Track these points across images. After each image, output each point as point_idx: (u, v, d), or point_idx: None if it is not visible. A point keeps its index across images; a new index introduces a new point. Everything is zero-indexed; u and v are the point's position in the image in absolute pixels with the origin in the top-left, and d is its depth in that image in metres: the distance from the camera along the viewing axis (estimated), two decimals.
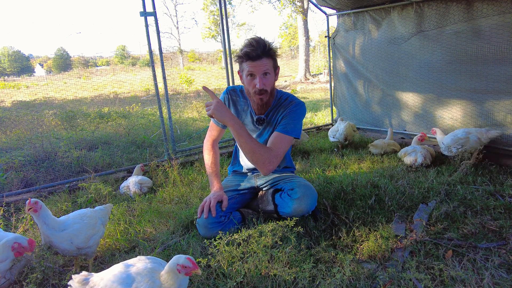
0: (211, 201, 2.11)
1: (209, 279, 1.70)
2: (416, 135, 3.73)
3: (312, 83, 14.96)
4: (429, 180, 2.88)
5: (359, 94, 4.81)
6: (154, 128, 5.50)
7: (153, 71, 3.60)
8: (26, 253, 1.65)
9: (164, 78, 3.67)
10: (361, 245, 2.00)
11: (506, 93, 3.23)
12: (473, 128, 3.30)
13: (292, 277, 1.62)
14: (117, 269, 1.34)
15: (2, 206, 2.44)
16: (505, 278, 1.65)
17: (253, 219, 2.22)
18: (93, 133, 5.13)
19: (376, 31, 4.34)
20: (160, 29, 3.57)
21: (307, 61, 16.40)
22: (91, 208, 2.02)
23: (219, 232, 1.87)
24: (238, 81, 2.59)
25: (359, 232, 2.10)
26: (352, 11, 4.50)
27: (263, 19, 67.32)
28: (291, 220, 1.86)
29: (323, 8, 4.91)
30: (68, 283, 1.36)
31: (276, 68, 2.04)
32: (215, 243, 1.75)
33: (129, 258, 1.93)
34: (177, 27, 31.12)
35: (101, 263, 1.98)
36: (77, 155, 3.95)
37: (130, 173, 3.57)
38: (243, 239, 1.79)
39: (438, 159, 3.45)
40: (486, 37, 3.27)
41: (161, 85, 3.81)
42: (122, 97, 11.57)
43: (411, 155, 3.31)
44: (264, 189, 2.38)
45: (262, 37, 1.95)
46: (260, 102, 2.03)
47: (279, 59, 2.10)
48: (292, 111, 2.09)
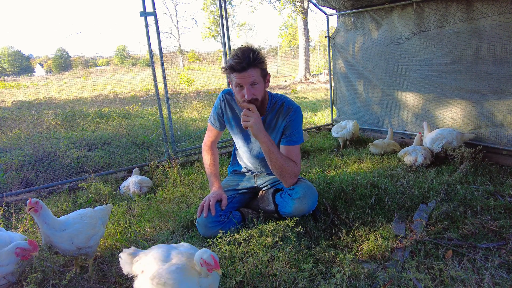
0: (210, 200, 2.11)
1: None
2: (416, 135, 3.73)
3: (312, 83, 14.95)
4: (429, 180, 2.89)
5: (359, 94, 4.81)
6: (154, 128, 5.50)
7: (153, 71, 3.60)
8: (33, 254, 1.65)
9: (164, 78, 3.67)
10: (361, 245, 2.00)
11: (506, 93, 3.23)
12: (448, 129, 3.42)
13: (292, 277, 1.62)
14: (160, 248, 1.44)
15: (2, 206, 2.44)
16: (505, 278, 1.65)
17: (253, 218, 2.22)
18: (93, 133, 5.13)
19: (376, 31, 4.34)
20: (160, 29, 3.57)
21: (307, 61, 16.39)
22: (91, 208, 2.03)
23: (219, 231, 1.87)
24: None
25: (359, 232, 2.10)
26: (352, 11, 4.50)
27: (263, 19, 67.49)
28: (291, 220, 1.87)
29: (323, 8, 4.91)
30: (119, 255, 1.47)
31: (265, 76, 2.00)
32: (216, 242, 1.75)
33: None
34: (177, 27, 31.14)
35: (101, 263, 1.98)
36: (77, 155, 3.95)
37: (130, 173, 3.57)
38: (243, 239, 1.79)
39: (438, 159, 3.46)
40: (486, 37, 3.27)
41: (161, 85, 3.81)
42: (122, 97, 11.57)
43: (411, 155, 3.31)
44: (264, 188, 2.39)
45: (250, 45, 1.93)
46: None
47: (279, 59, 2.10)
48: (292, 120, 2.11)
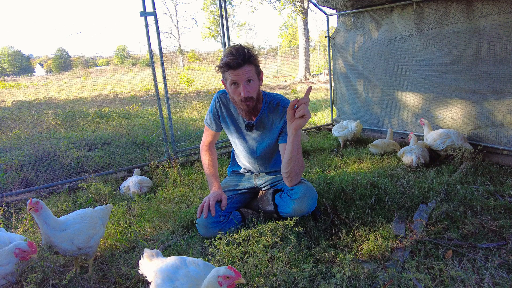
0: (210, 200, 2.11)
1: None
2: (417, 135, 3.73)
3: (312, 83, 14.95)
4: (429, 180, 2.89)
5: (359, 94, 4.81)
6: (154, 128, 5.50)
7: (153, 71, 3.60)
8: (32, 256, 1.65)
9: (164, 78, 3.67)
10: (361, 245, 2.00)
11: (506, 93, 3.23)
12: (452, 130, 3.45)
13: (292, 277, 1.62)
14: (173, 261, 1.40)
15: (2, 206, 2.44)
16: (505, 278, 1.65)
17: (253, 219, 2.22)
18: (93, 133, 5.13)
19: (376, 31, 4.34)
20: (160, 29, 3.57)
21: (307, 61, 16.39)
22: (91, 208, 2.03)
23: (219, 232, 1.87)
24: None
25: (359, 232, 2.10)
26: (352, 11, 4.50)
27: (263, 19, 67.55)
28: (291, 220, 1.87)
29: (323, 8, 4.90)
30: (142, 254, 1.49)
31: (259, 73, 2.02)
32: (215, 243, 1.75)
33: (129, 258, 1.95)
34: (177, 27, 31.16)
35: (101, 263, 1.98)
36: (77, 155, 3.95)
37: (130, 173, 3.57)
38: (243, 239, 1.79)
39: (438, 159, 3.46)
40: (486, 37, 3.26)
41: (161, 85, 3.81)
42: (122, 97, 11.57)
43: (408, 155, 3.32)
44: (263, 189, 2.38)
45: (243, 43, 1.95)
46: (247, 109, 2.02)
47: (279, 59, 2.11)
48: None
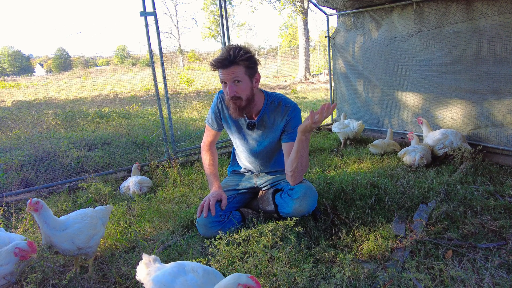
0: (210, 200, 2.11)
1: None
2: (418, 135, 3.73)
3: (312, 83, 14.95)
4: (429, 180, 2.89)
5: (359, 94, 4.81)
6: (154, 128, 5.50)
7: (153, 71, 3.60)
8: (32, 255, 1.65)
9: (164, 78, 3.67)
10: (361, 245, 2.00)
11: (506, 93, 3.23)
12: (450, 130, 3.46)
13: (292, 277, 1.62)
14: (172, 269, 1.33)
15: (2, 206, 2.44)
16: (505, 278, 1.65)
17: (253, 219, 2.22)
18: (93, 133, 5.13)
19: (376, 31, 4.34)
20: (160, 29, 3.57)
21: (307, 61, 16.39)
22: (91, 208, 2.03)
23: (219, 231, 1.87)
24: None
25: (359, 232, 2.10)
26: (352, 11, 4.50)
27: (263, 19, 67.56)
28: (291, 220, 1.87)
29: (323, 8, 4.90)
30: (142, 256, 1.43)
31: (253, 75, 2.01)
32: (215, 243, 1.75)
33: (129, 258, 1.95)
34: (177, 27, 31.16)
35: (101, 263, 1.98)
36: (77, 155, 3.95)
37: (130, 173, 3.57)
38: (243, 239, 1.79)
39: (438, 159, 3.45)
40: (486, 37, 3.26)
41: (161, 85, 3.81)
42: (122, 97, 11.56)
43: (410, 155, 3.31)
44: (264, 189, 2.38)
45: (240, 44, 1.98)
46: (235, 106, 2.04)
47: (279, 59, 2.11)
48: (292, 117, 2.13)
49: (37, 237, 2.22)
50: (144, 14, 3.35)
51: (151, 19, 3.42)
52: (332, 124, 5.35)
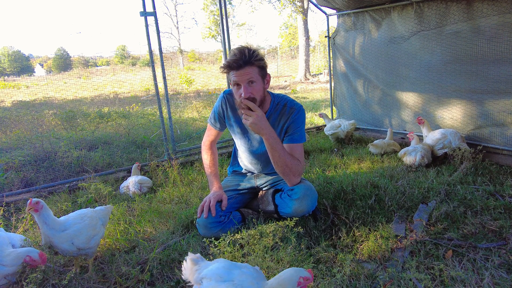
0: (210, 200, 2.11)
1: None
2: (417, 135, 3.73)
3: (312, 83, 14.95)
4: (429, 180, 2.89)
5: (359, 94, 4.81)
6: (154, 128, 5.50)
7: (153, 71, 3.60)
8: (39, 266, 1.66)
9: (164, 78, 3.67)
10: (361, 245, 2.00)
11: (506, 93, 3.23)
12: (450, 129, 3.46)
13: None
14: (222, 263, 1.34)
15: (2, 206, 2.44)
16: (505, 278, 1.65)
17: (253, 219, 2.22)
18: (93, 133, 5.13)
19: (376, 31, 4.34)
20: (160, 29, 3.57)
21: (307, 61, 16.39)
22: (91, 208, 2.02)
23: (219, 232, 1.87)
24: None
25: (359, 232, 2.10)
26: (352, 11, 4.49)
27: (263, 19, 67.54)
28: (291, 220, 1.87)
29: (323, 8, 4.90)
30: (185, 258, 1.40)
31: (264, 76, 2.00)
32: (215, 242, 1.75)
33: (129, 258, 1.95)
34: (177, 27, 31.13)
35: (101, 263, 1.98)
36: (77, 155, 3.95)
37: (130, 173, 3.57)
38: (243, 240, 1.79)
39: (438, 159, 3.45)
40: (486, 37, 3.26)
41: (161, 85, 3.81)
42: (122, 97, 11.57)
43: (411, 155, 3.31)
44: (264, 189, 2.38)
45: (248, 45, 1.95)
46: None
47: (279, 59, 2.11)
48: (294, 119, 2.12)
49: (37, 237, 2.22)
50: (144, 14, 3.35)
51: (151, 19, 3.42)
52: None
